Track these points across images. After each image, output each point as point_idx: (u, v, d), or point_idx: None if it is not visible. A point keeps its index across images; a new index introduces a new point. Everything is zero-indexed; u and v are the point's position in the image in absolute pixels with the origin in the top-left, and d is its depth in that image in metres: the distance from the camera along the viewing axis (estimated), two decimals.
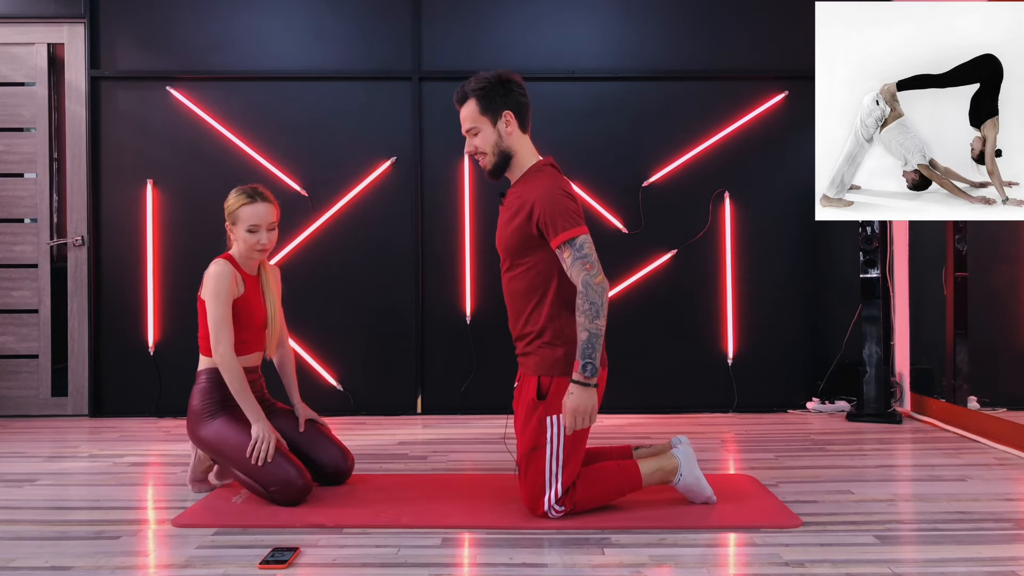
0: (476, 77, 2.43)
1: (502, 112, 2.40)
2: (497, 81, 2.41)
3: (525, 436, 2.38)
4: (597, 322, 2.23)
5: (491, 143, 2.42)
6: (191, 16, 4.27)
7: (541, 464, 2.35)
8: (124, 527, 2.35)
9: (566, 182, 2.40)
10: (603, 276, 2.26)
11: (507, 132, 2.41)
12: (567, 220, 2.28)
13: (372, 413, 4.24)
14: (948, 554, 2.07)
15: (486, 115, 2.41)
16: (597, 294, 2.23)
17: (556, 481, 2.34)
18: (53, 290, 4.29)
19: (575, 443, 2.36)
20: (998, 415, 3.58)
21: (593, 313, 2.23)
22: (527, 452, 2.37)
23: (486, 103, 2.40)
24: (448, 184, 4.27)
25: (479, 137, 2.43)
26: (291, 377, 2.86)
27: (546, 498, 2.34)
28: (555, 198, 2.30)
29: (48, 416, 4.28)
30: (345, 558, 2.07)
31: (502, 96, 2.40)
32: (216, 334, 2.54)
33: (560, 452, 2.34)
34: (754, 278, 4.29)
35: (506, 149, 2.42)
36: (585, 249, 2.26)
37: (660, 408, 4.20)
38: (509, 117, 2.40)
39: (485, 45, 4.29)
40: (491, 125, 2.41)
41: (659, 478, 2.45)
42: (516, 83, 2.44)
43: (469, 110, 2.42)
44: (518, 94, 2.43)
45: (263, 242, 2.64)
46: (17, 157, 4.30)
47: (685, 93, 4.30)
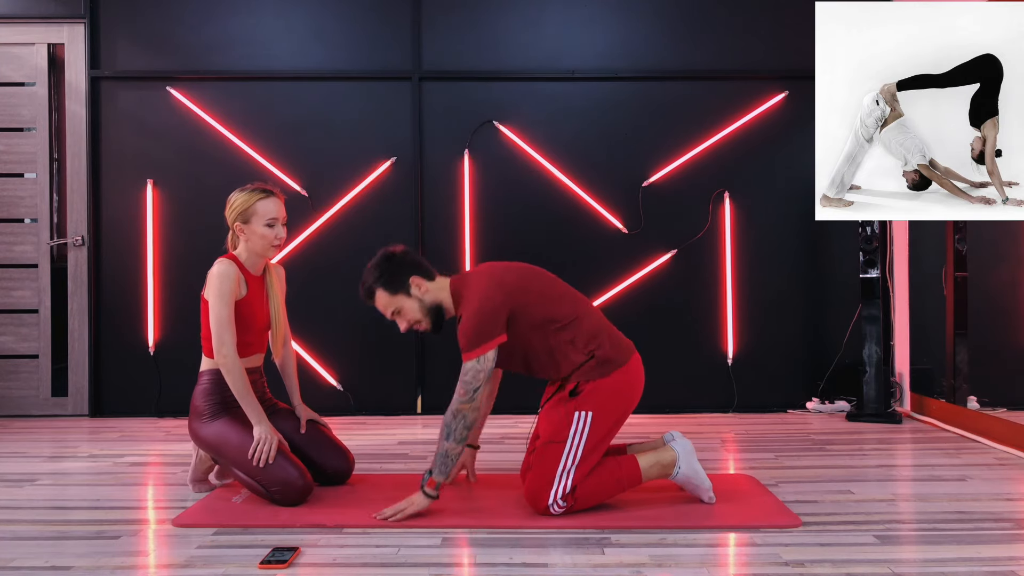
0: (366, 272, 2.49)
1: (408, 281, 2.46)
2: (386, 262, 2.48)
3: (548, 427, 2.40)
4: (445, 444, 2.35)
5: (418, 311, 2.49)
6: (191, 16, 4.27)
7: (556, 457, 2.36)
8: (124, 527, 2.35)
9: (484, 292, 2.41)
10: (471, 405, 2.34)
11: (423, 293, 2.48)
12: (467, 341, 2.36)
13: (372, 413, 4.24)
14: (948, 554, 2.07)
15: (398, 294, 2.47)
16: (454, 418, 2.34)
17: (567, 477, 2.35)
18: (53, 290, 4.29)
19: (597, 444, 2.38)
20: (998, 415, 3.58)
21: (445, 433, 2.35)
22: (545, 443, 2.38)
23: (391, 286, 2.47)
24: (448, 184, 4.27)
25: (405, 314, 2.49)
26: (292, 378, 2.85)
27: (552, 492, 2.34)
28: (467, 318, 2.38)
29: (48, 416, 4.28)
30: (345, 558, 2.07)
31: (398, 270, 2.47)
32: (219, 335, 2.52)
33: (580, 450, 2.36)
34: (754, 278, 4.29)
35: (432, 306, 2.49)
36: (468, 376, 2.34)
37: (660, 408, 4.20)
38: (416, 282, 2.47)
39: (485, 45, 4.29)
40: (408, 298, 2.48)
41: (657, 472, 2.45)
42: (398, 251, 2.51)
43: (383, 301, 2.49)
44: (408, 257, 2.51)
45: (280, 236, 2.64)
46: (17, 157, 4.30)
47: (685, 93, 4.30)
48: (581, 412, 2.37)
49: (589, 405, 2.38)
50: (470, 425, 2.36)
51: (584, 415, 2.37)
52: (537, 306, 2.43)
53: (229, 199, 2.65)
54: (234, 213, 2.63)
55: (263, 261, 2.70)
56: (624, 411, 2.46)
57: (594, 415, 2.38)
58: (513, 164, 4.27)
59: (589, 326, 2.46)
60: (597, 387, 2.40)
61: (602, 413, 2.39)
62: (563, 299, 2.49)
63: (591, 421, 2.37)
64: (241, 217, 2.62)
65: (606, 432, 2.41)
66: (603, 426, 2.39)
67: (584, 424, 2.37)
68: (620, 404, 2.44)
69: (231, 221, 2.64)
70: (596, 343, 2.44)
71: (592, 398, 2.38)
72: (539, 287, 2.49)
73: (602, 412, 2.39)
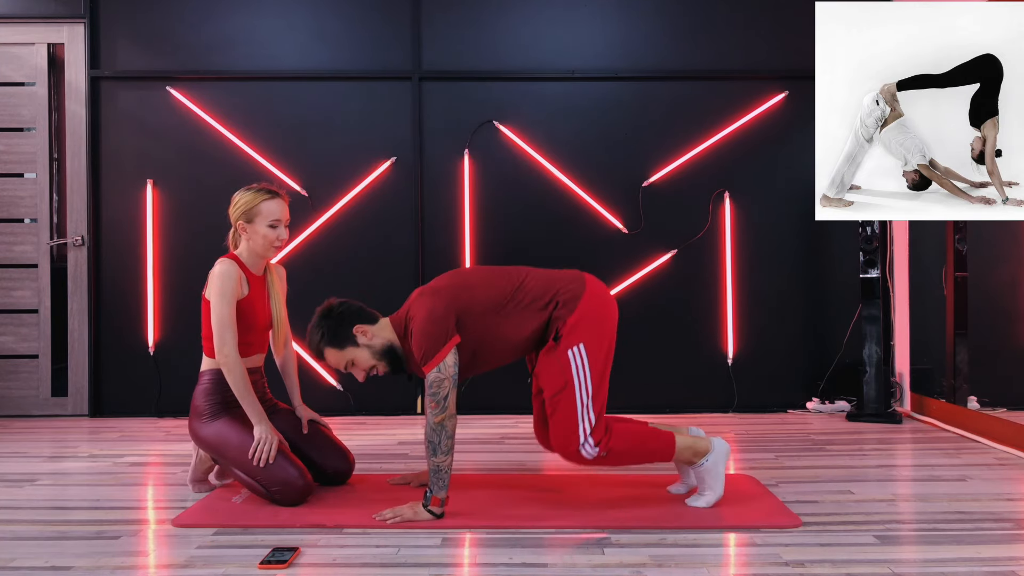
0: (309, 333, 2.50)
1: (352, 333, 2.47)
2: (328, 321, 2.48)
3: (550, 381, 2.40)
4: (434, 460, 2.34)
5: (370, 357, 2.50)
6: (191, 16, 4.27)
7: (571, 399, 2.36)
8: (124, 527, 2.35)
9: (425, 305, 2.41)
10: (446, 414, 2.33)
11: (370, 339, 2.48)
12: (421, 354, 2.35)
13: (372, 413, 4.24)
14: (948, 554, 2.07)
15: (346, 347, 2.48)
16: (435, 432, 2.33)
17: (588, 412, 2.35)
18: (53, 290, 4.29)
19: (602, 370, 2.40)
20: (998, 415, 3.58)
21: (431, 450, 2.34)
22: (555, 395, 2.38)
23: (337, 341, 2.48)
24: (448, 184, 4.27)
25: (359, 364, 2.50)
26: (293, 379, 2.85)
27: (580, 431, 2.35)
28: (415, 334, 2.38)
29: (48, 416, 4.28)
30: (345, 558, 2.07)
31: (339, 323, 2.47)
32: (220, 335, 2.52)
33: (588, 382, 2.37)
34: (754, 278, 4.29)
35: (383, 349, 2.50)
36: (433, 388, 2.34)
37: (660, 408, 4.20)
38: (360, 330, 2.48)
39: (485, 45, 4.29)
40: (357, 348, 2.48)
41: (688, 456, 2.45)
42: (335, 304, 2.51)
43: (334, 358, 2.50)
44: (346, 308, 2.51)
45: (283, 237, 2.64)
46: (17, 157, 4.30)
47: (685, 93, 4.30)
48: (573, 349, 2.38)
49: (576, 339, 2.38)
50: (452, 434, 2.35)
51: (577, 350, 2.38)
52: (481, 293, 2.44)
53: (234, 197, 2.65)
54: (238, 211, 2.62)
55: (263, 261, 2.70)
56: (610, 328, 2.47)
57: (586, 345, 2.39)
58: (513, 164, 4.27)
59: (536, 283, 2.47)
60: (575, 321, 2.40)
61: (592, 339, 2.40)
62: (502, 276, 2.50)
63: (586, 351, 2.38)
64: (245, 216, 2.62)
65: (604, 355, 2.42)
66: (599, 350, 2.41)
67: (581, 358, 2.38)
68: (603, 323, 2.45)
69: (234, 219, 2.64)
70: (552, 291, 2.45)
71: (575, 332, 2.39)
72: (475, 279, 2.50)
73: (591, 339, 2.40)
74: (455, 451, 3.34)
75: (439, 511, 2.35)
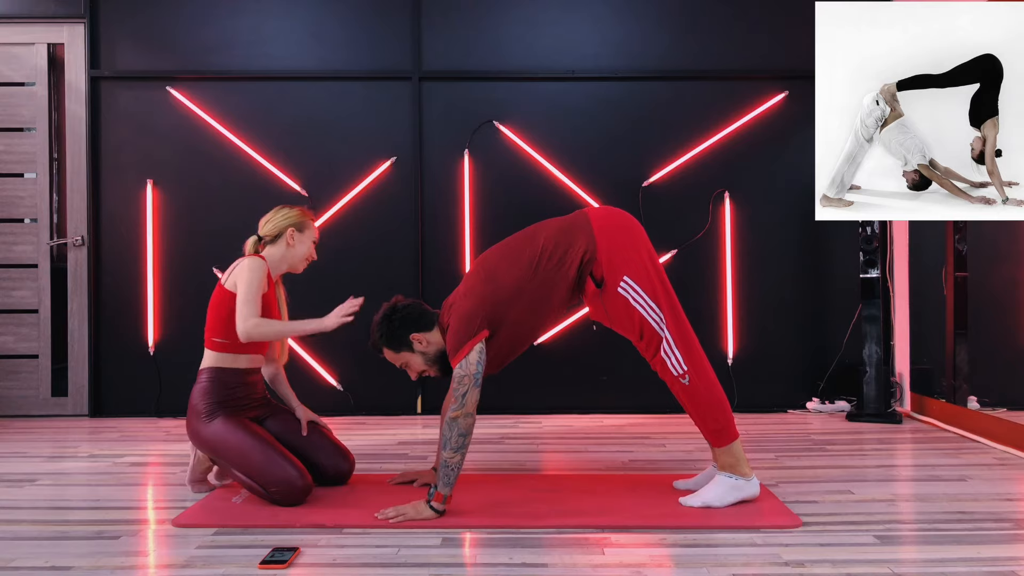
0: (372, 327, 2.58)
1: (410, 339, 2.55)
2: (388, 323, 2.55)
3: (620, 322, 2.46)
4: (444, 453, 2.37)
5: (423, 363, 2.59)
6: (191, 16, 4.27)
7: (647, 323, 2.42)
8: (124, 527, 2.35)
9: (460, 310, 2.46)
10: (462, 411, 2.35)
11: (425, 348, 2.56)
12: (451, 351, 2.44)
13: (372, 413, 4.24)
14: (948, 554, 2.07)
15: (401, 351, 2.58)
16: (448, 427, 2.36)
17: (664, 332, 2.42)
18: (53, 290, 4.29)
19: (655, 287, 2.43)
20: (998, 415, 3.57)
21: (443, 442, 2.39)
22: (639, 338, 2.45)
23: (395, 344, 2.57)
24: (448, 184, 4.27)
25: (412, 367, 2.61)
26: (286, 386, 2.89)
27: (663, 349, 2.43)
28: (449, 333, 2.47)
29: (48, 416, 4.28)
30: (345, 558, 2.07)
31: (399, 329, 2.54)
32: (245, 309, 2.51)
33: (650, 305, 2.42)
34: (754, 278, 4.29)
35: (435, 356, 2.58)
36: (455, 383, 2.38)
37: (660, 408, 4.20)
38: (418, 337, 2.55)
39: (485, 45, 4.29)
40: (412, 353, 2.57)
41: (732, 459, 2.47)
42: (396, 308, 2.57)
43: (390, 356, 2.60)
44: (407, 316, 2.56)
45: (314, 257, 2.81)
46: (17, 157, 4.30)
47: (685, 93, 4.30)
48: (621, 285, 2.41)
49: (618, 274, 2.42)
50: (464, 433, 2.35)
51: (625, 284, 2.41)
52: (505, 279, 2.46)
53: (279, 209, 2.76)
54: (289, 220, 2.74)
55: (284, 272, 2.78)
56: (641, 244, 2.49)
57: (629, 275, 2.42)
58: (513, 164, 4.27)
59: (551, 240, 2.48)
60: (606, 259, 2.43)
61: (631, 266, 2.43)
62: (521, 247, 2.52)
63: (634, 279, 2.41)
64: (298, 226, 2.74)
65: (652, 273, 2.44)
66: (643, 272, 2.43)
67: (632, 288, 2.41)
68: (628, 247, 2.46)
69: (284, 226, 2.72)
70: (565, 244, 2.46)
71: (612, 268, 2.42)
72: (496, 263, 2.52)
73: (630, 266, 2.43)
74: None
75: (441, 507, 2.35)
